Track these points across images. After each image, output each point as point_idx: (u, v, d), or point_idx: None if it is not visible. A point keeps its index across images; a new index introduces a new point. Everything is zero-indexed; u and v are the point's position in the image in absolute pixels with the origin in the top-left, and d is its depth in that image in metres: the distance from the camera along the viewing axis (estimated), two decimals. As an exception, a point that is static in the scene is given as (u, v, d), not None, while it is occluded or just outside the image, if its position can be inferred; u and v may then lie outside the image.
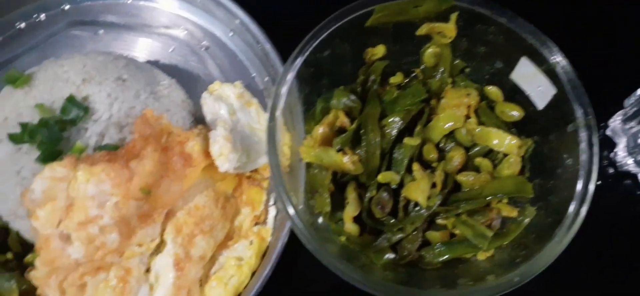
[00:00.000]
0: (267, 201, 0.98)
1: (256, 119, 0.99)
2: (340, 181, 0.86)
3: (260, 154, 0.97)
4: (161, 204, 0.85)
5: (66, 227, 0.79)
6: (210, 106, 0.95)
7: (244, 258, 0.92)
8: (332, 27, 0.82)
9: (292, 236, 0.85)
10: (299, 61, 0.81)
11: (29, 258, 0.90)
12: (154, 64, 1.02)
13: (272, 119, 0.79)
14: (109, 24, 1.06)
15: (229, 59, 1.05)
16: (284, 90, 0.79)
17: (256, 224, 0.96)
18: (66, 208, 0.79)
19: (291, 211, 0.74)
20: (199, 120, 1.00)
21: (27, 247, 0.92)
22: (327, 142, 0.86)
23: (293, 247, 0.87)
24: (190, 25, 1.06)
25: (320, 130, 0.84)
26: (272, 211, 0.97)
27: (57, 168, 0.78)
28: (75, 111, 0.82)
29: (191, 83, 1.02)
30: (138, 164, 0.81)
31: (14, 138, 0.82)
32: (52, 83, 0.85)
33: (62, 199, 0.78)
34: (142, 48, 1.04)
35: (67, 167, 0.78)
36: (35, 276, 0.83)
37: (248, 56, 1.05)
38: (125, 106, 0.87)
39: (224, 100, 0.97)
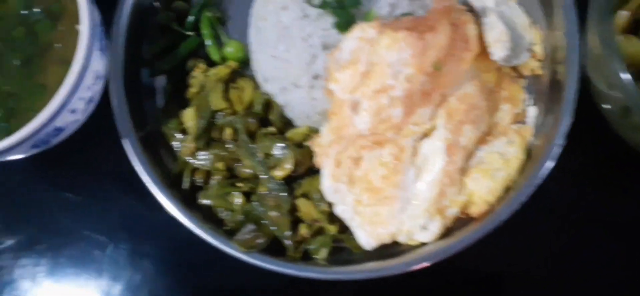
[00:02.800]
0: (525, 100, 0.94)
1: (516, 15, 0.95)
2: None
3: (522, 50, 0.93)
4: (441, 84, 0.83)
5: (362, 94, 0.79)
6: (476, -6, 0.92)
7: (506, 154, 0.90)
8: None
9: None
10: None
11: (290, 133, 0.92)
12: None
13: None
14: None
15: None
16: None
17: (514, 122, 0.93)
18: (362, 75, 0.78)
19: (627, 76, 0.69)
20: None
21: (286, 125, 0.94)
22: (624, 31, 0.81)
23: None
24: None
25: (623, 14, 0.79)
26: (531, 111, 0.93)
27: (367, 29, 0.77)
28: (370, -22, 0.81)
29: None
30: (432, 37, 0.79)
31: (312, 2, 0.82)
32: (341, -49, 0.84)
33: (363, 63, 0.77)
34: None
35: (376, 28, 0.77)
36: (319, 143, 0.83)
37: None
38: None
39: (487, -9, 0.93)
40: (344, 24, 0.81)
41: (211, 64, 0.99)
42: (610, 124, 0.91)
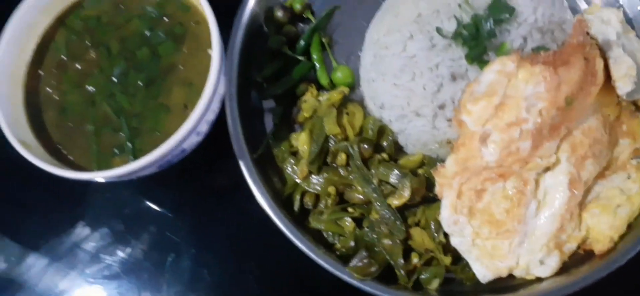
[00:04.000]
0: (645, 134, 0.92)
1: (637, 48, 0.93)
2: None
3: (642, 83, 0.91)
4: (569, 118, 0.82)
5: (493, 126, 0.78)
6: (597, 27, 0.90)
7: (626, 190, 0.88)
8: None
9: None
10: None
11: (404, 161, 0.91)
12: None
13: None
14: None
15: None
16: None
17: (634, 158, 0.91)
18: (496, 107, 0.78)
19: None
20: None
21: (397, 152, 0.94)
22: None
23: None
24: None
25: None
26: (651, 147, 0.91)
27: (507, 62, 0.77)
28: (504, 10, 0.80)
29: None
30: (566, 72, 0.78)
31: (442, 33, 0.82)
32: (472, -18, 0.85)
33: (498, 96, 0.77)
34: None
35: (515, 62, 0.76)
36: (443, 173, 0.83)
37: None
38: (547, 12, 0.84)
39: (607, 23, 0.92)
40: (476, 56, 0.80)
41: (318, 87, 1.00)
42: None
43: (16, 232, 1.01)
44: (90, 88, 0.89)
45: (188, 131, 0.80)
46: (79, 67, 0.91)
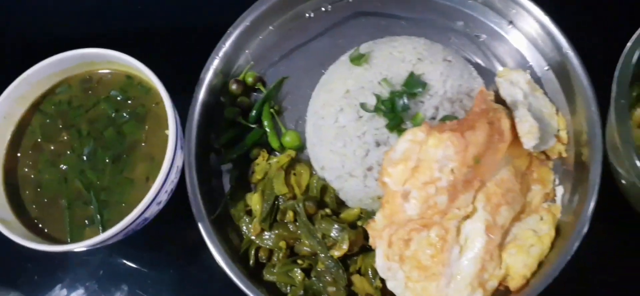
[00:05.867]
0: (554, 180, 1.05)
1: (543, 104, 1.07)
2: None
3: (549, 136, 1.04)
4: (480, 173, 0.94)
5: (412, 185, 0.90)
6: (506, 89, 1.04)
7: (538, 230, 1.00)
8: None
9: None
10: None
11: (345, 214, 1.03)
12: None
13: (621, 96, 0.84)
14: (389, 15, 1.17)
15: (505, 48, 1.13)
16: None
17: (545, 201, 1.03)
18: (412, 170, 0.90)
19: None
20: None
21: (339, 206, 1.05)
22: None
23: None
24: (467, 18, 1.15)
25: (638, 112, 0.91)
26: (560, 190, 1.03)
27: (417, 132, 0.89)
28: (417, 85, 0.93)
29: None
30: (472, 135, 0.91)
31: (366, 108, 0.95)
32: (389, 61, 0.98)
33: (413, 160, 0.89)
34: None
35: (424, 132, 0.89)
36: (374, 227, 0.94)
37: (524, 45, 1.12)
38: (456, 83, 0.98)
39: (515, 85, 1.05)
40: (394, 125, 0.93)
41: (270, 150, 1.12)
42: (630, 201, 1.00)
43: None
44: (63, 166, 1.00)
45: (148, 203, 0.91)
46: (53, 148, 1.01)
